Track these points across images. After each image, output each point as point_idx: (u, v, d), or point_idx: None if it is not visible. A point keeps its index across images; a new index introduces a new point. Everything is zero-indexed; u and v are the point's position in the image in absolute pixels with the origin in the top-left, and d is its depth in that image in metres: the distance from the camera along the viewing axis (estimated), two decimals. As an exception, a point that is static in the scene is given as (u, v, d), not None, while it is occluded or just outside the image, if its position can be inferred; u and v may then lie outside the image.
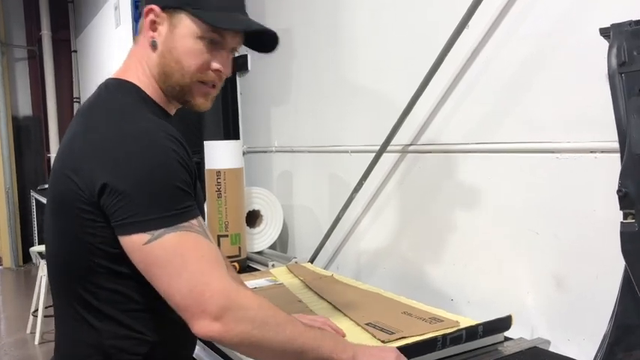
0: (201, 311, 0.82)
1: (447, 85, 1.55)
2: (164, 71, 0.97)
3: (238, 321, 0.83)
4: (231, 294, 0.84)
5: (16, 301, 5.02)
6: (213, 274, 0.84)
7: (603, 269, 1.18)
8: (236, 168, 2.00)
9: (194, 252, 0.84)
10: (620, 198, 1.05)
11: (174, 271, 0.83)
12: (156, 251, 0.83)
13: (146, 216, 0.83)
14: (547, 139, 1.29)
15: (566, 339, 1.26)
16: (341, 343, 0.94)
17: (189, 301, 0.82)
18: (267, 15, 2.52)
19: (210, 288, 0.82)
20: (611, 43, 1.07)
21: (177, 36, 0.95)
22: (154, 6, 0.95)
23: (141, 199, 0.84)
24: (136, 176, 0.84)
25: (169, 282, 0.83)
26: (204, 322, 0.82)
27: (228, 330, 0.83)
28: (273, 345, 0.86)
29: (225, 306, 0.82)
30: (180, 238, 0.84)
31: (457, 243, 1.56)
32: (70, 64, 6.52)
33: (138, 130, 0.88)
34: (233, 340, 0.84)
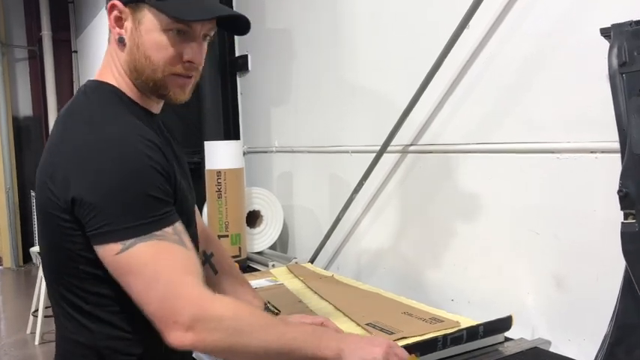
0: (173, 322, 0.81)
1: (448, 86, 1.55)
2: (135, 67, 0.95)
3: (211, 330, 0.82)
4: (203, 304, 0.83)
5: (16, 301, 5.02)
6: (186, 284, 0.83)
7: (604, 269, 1.18)
8: (236, 168, 2.00)
9: (166, 262, 0.83)
10: (621, 198, 1.05)
11: (146, 282, 0.82)
12: (128, 261, 0.82)
13: (118, 225, 0.82)
14: (547, 140, 1.29)
15: (566, 339, 1.26)
16: (326, 340, 0.91)
17: (161, 312, 0.82)
18: (267, 15, 2.52)
19: (182, 299, 0.82)
20: (612, 44, 1.07)
21: (142, 31, 0.92)
22: (116, 1, 0.93)
23: (112, 209, 0.83)
24: (106, 187, 0.83)
25: (142, 292, 0.83)
26: (177, 332, 0.81)
27: (201, 340, 0.82)
28: (250, 350, 0.85)
29: (196, 316, 0.81)
30: (152, 248, 0.83)
31: (457, 243, 1.56)
32: (70, 64, 6.52)
33: (110, 138, 0.87)
34: (207, 349, 0.85)
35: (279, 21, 2.44)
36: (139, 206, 0.84)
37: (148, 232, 0.83)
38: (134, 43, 0.93)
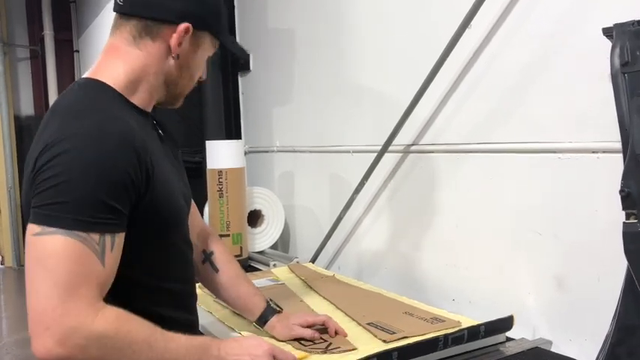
0: (45, 329, 0.77)
1: (449, 85, 1.55)
2: (173, 80, 1.01)
3: (84, 349, 0.78)
4: (85, 319, 0.79)
5: (17, 301, 5.03)
6: (79, 292, 0.79)
7: (605, 269, 1.18)
8: (238, 168, 2.00)
9: (71, 264, 0.80)
10: (623, 198, 1.05)
11: (41, 273, 0.79)
12: (38, 245, 0.81)
13: (50, 211, 0.81)
14: (549, 139, 1.29)
15: (567, 339, 1.26)
16: (205, 355, 0.92)
17: (39, 311, 0.78)
18: (269, 15, 2.52)
19: (67, 308, 0.78)
20: (614, 43, 1.07)
21: (198, 54, 1.01)
22: (189, 25, 0.97)
23: (56, 193, 0.81)
24: (65, 169, 0.82)
25: (34, 280, 0.80)
26: (46, 341, 0.77)
27: (70, 356, 0.78)
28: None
29: (73, 331, 0.78)
30: (66, 245, 0.80)
31: (459, 243, 1.56)
32: (72, 63, 6.52)
33: (89, 128, 0.85)
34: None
35: (281, 20, 2.44)
36: (84, 202, 0.81)
37: (72, 228, 0.80)
38: (186, 61, 1.00)
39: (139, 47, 0.98)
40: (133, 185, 0.87)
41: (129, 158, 0.86)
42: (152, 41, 0.97)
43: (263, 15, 2.55)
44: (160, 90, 1.02)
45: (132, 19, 0.98)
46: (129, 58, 0.97)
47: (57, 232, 0.80)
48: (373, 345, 1.19)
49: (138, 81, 0.98)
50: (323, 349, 1.18)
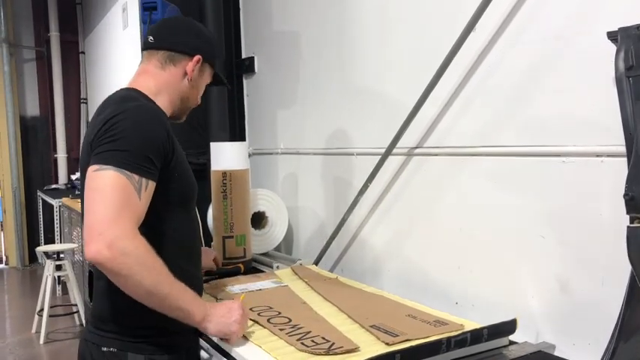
0: (99, 234, 1.04)
1: (454, 88, 1.55)
2: (186, 97, 1.37)
3: (123, 254, 1.05)
4: (128, 233, 1.07)
5: (21, 301, 5.05)
6: (122, 215, 1.07)
7: (609, 273, 1.18)
8: (242, 169, 2.00)
9: (119, 193, 1.08)
10: (627, 202, 1.05)
11: (97, 197, 1.08)
12: (96, 178, 1.10)
13: (107, 155, 1.11)
14: (553, 143, 1.29)
15: (571, 343, 1.26)
16: (197, 304, 1.19)
17: (94, 223, 1.06)
18: (274, 17, 2.53)
19: (115, 221, 1.06)
20: (619, 47, 1.07)
21: (202, 79, 1.40)
22: (200, 57, 1.35)
23: (113, 143, 1.11)
24: (122, 128, 1.12)
25: (92, 203, 1.08)
26: (98, 244, 1.04)
27: (114, 258, 1.04)
28: (144, 283, 1.08)
29: (118, 239, 1.05)
30: (116, 179, 1.09)
31: (462, 246, 1.56)
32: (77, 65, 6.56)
33: (139, 106, 1.20)
34: (114, 268, 1.05)
35: (286, 23, 2.45)
36: (133, 153, 1.11)
37: (123, 167, 1.09)
38: (195, 84, 1.37)
39: (165, 70, 1.34)
40: (164, 150, 1.18)
41: (163, 131, 1.19)
42: (174, 67, 1.34)
43: (268, 17, 2.56)
44: (176, 103, 1.35)
45: (160, 51, 1.34)
46: (158, 78, 1.33)
47: (110, 168, 1.09)
48: (376, 347, 1.19)
49: (163, 93, 1.32)
50: (326, 350, 1.18)
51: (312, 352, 1.18)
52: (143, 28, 2.48)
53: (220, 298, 1.59)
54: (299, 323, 1.35)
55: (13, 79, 6.27)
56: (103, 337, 1.21)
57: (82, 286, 4.03)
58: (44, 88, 6.52)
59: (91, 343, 1.22)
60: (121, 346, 1.20)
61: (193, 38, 1.37)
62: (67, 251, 4.30)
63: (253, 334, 1.31)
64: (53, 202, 5.30)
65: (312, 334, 1.27)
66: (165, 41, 1.35)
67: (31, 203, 6.35)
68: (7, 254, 6.34)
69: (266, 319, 1.39)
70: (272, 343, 1.24)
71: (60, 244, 4.76)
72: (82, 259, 4.10)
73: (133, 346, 1.20)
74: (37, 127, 6.56)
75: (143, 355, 1.20)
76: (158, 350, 1.21)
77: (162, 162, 1.17)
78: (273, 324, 1.36)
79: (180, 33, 1.37)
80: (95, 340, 1.22)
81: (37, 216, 6.25)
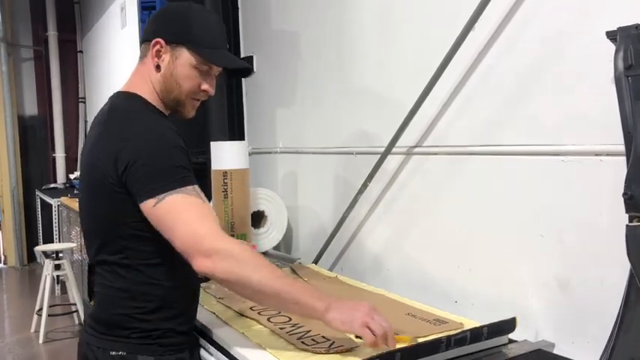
0: (195, 250, 1.08)
1: (453, 87, 1.55)
2: (165, 88, 1.25)
3: (223, 259, 1.08)
4: (217, 238, 1.09)
5: (20, 300, 5.04)
6: (203, 224, 1.10)
7: (608, 272, 1.18)
8: (242, 169, 2.01)
9: (188, 208, 1.10)
10: (626, 201, 1.05)
11: (172, 224, 1.10)
12: (160, 211, 1.10)
13: (154, 185, 1.10)
14: (552, 142, 1.29)
15: (570, 342, 1.26)
16: (318, 294, 1.14)
17: (186, 244, 1.09)
18: (272, 16, 2.53)
19: (201, 234, 1.08)
20: (618, 46, 1.07)
21: (177, 64, 1.23)
22: (159, 39, 1.22)
23: (149, 175, 1.11)
24: (149, 159, 1.12)
25: (172, 232, 1.10)
26: (200, 258, 1.08)
27: (216, 266, 1.08)
28: (253, 282, 1.09)
29: (212, 247, 1.08)
30: (177, 199, 1.10)
31: (462, 245, 1.56)
32: (75, 64, 6.55)
33: (149, 125, 1.19)
34: (220, 275, 1.09)
35: (285, 22, 2.45)
36: (169, 173, 1.12)
37: (175, 188, 1.11)
38: (169, 71, 1.24)
39: (143, 65, 1.27)
40: (186, 153, 1.17)
41: (177, 137, 1.18)
42: (146, 57, 1.26)
43: (267, 16, 2.56)
44: (164, 96, 1.26)
45: (141, 46, 1.28)
46: (141, 74, 1.27)
47: (167, 195, 1.10)
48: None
49: (149, 90, 1.26)
50: (326, 349, 1.18)
51: (312, 351, 1.18)
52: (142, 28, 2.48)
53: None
54: (299, 322, 1.36)
55: (11, 79, 6.26)
56: (110, 341, 1.20)
57: (80, 285, 4.03)
58: (42, 88, 6.51)
59: (97, 347, 1.22)
60: (130, 349, 1.19)
61: (157, 22, 1.26)
62: (66, 250, 4.30)
63: (254, 333, 1.31)
64: (52, 201, 5.30)
65: (312, 333, 1.27)
66: (143, 34, 1.29)
67: (30, 203, 6.35)
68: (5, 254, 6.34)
69: (266, 318, 1.39)
70: (272, 342, 1.25)
71: (59, 244, 4.75)
72: (81, 258, 4.10)
73: (142, 348, 1.20)
74: (36, 127, 6.56)
75: (153, 357, 1.20)
76: (167, 351, 1.22)
77: (190, 163, 1.18)
78: (273, 323, 1.36)
79: (150, 21, 1.29)
80: (101, 344, 1.21)
81: (35, 215, 6.24)
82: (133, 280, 1.20)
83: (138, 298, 1.20)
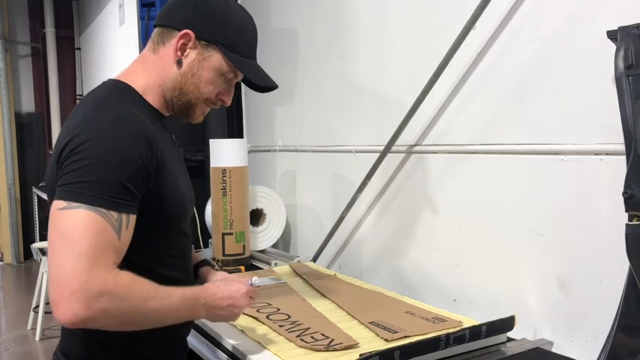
0: (70, 293, 0.84)
1: (453, 86, 1.55)
2: (180, 87, 1.06)
3: (106, 311, 0.86)
4: (107, 285, 0.86)
5: (16, 297, 5.03)
6: (100, 262, 0.87)
7: (607, 271, 1.19)
8: (241, 166, 2.01)
9: (94, 237, 0.87)
10: (626, 200, 1.06)
11: (66, 245, 0.86)
12: (62, 218, 0.87)
13: (76, 189, 0.88)
14: (552, 141, 1.30)
15: (569, 340, 1.27)
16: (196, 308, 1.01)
17: (65, 279, 0.85)
18: (272, 15, 2.53)
19: (91, 274, 0.85)
20: (619, 46, 1.08)
21: (204, 66, 1.05)
22: (190, 31, 1.03)
23: (82, 174, 0.89)
24: (91, 154, 0.90)
25: (58, 252, 0.86)
26: (72, 306, 0.84)
27: (95, 319, 0.86)
28: (138, 323, 0.93)
29: (97, 295, 0.85)
30: (90, 218, 0.87)
31: (460, 244, 1.57)
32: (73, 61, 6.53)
33: (112, 119, 0.95)
34: (98, 326, 0.88)
35: (284, 20, 2.44)
36: (105, 183, 0.89)
37: (95, 204, 0.88)
38: (190, 70, 1.05)
39: (156, 53, 1.07)
40: (146, 172, 0.94)
41: (143, 147, 0.94)
42: (164, 46, 1.06)
43: (266, 15, 2.56)
44: (169, 94, 1.07)
45: (156, 29, 1.08)
46: (148, 63, 1.07)
47: (81, 206, 0.87)
48: (375, 344, 1.20)
49: (153, 83, 1.06)
50: (325, 346, 1.18)
51: (311, 349, 1.18)
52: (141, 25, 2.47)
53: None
54: (298, 320, 1.36)
55: (8, 75, 6.23)
56: None
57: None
58: (39, 85, 6.48)
59: None
60: None
61: (188, 9, 1.05)
62: (63, 248, 4.27)
63: (253, 330, 1.31)
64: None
65: (311, 331, 1.28)
66: (160, 16, 1.08)
67: (26, 200, 6.33)
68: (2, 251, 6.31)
69: (265, 316, 1.39)
70: (271, 340, 1.25)
71: (55, 241, 4.72)
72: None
73: None
74: (33, 124, 6.53)
75: None
76: None
77: (145, 187, 0.95)
78: (272, 320, 1.36)
79: (178, 3, 1.07)
80: None
81: (32, 212, 6.22)
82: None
83: (101, 331, 0.92)
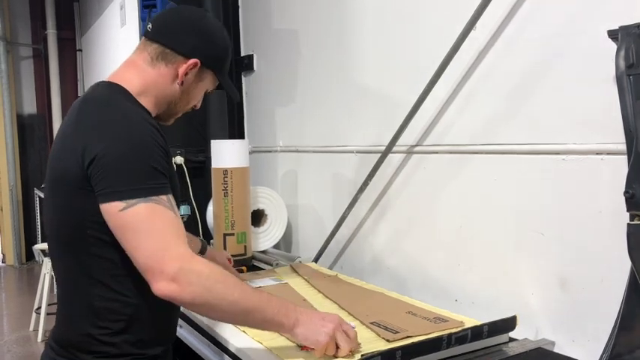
0: (159, 272, 0.95)
1: (454, 86, 1.55)
2: (173, 101, 1.18)
3: (190, 283, 0.96)
4: (186, 259, 0.97)
5: (19, 299, 5.03)
6: (173, 241, 0.97)
7: (609, 271, 1.18)
8: (242, 167, 2.01)
9: (160, 221, 0.98)
10: (627, 200, 1.06)
11: (141, 236, 0.96)
12: (128, 217, 0.97)
13: (124, 187, 0.97)
14: (553, 141, 1.30)
15: (570, 340, 1.27)
16: (284, 308, 1.08)
17: (150, 263, 0.96)
18: (273, 15, 2.53)
19: (169, 253, 0.96)
20: (619, 45, 1.07)
21: (199, 86, 1.19)
22: (198, 61, 1.15)
23: (121, 173, 0.98)
24: (119, 152, 0.99)
25: (136, 245, 0.97)
26: (163, 282, 0.95)
27: (182, 290, 0.95)
28: (222, 305, 1.00)
29: (180, 269, 0.95)
30: (150, 209, 0.97)
31: (462, 244, 1.57)
32: (74, 62, 6.53)
33: (124, 115, 1.04)
34: (186, 299, 0.97)
35: (285, 21, 2.45)
36: (143, 173, 0.99)
37: (147, 195, 0.98)
38: (187, 89, 1.18)
39: (154, 67, 1.15)
40: (166, 155, 1.05)
41: (157, 137, 1.04)
42: (165, 66, 1.15)
43: (267, 15, 2.56)
44: (162, 105, 1.17)
45: (154, 44, 1.15)
46: (144, 74, 1.14)
47: (138, 202, 0.97)
48: (377, 344, 1.20)
49: (147, 91, 1.14)
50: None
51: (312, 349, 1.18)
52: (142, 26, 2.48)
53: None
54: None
55: (10, 77, 6.25)
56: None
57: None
58: (41, 86, 6.49)
59: None
60: None
61: (194, 37, 1.15)
62: (65, 249, 4.28)
63: (253, 330, 1.31)
64: (50, 200, 5.27)
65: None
66: (161, 34, 1.15)
67: (28, 201, 6.33)
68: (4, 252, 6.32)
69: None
70: (273, 340, 1.24)
71: (57, 242, 4.73)
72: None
73: None
74: (34, 125, 6.54)
75: None
76: None
77: (167, 171, 1.05)
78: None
79: (181, 28, 1.16)
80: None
81: (34, 214, 6.23)
82: (96, 294, 1.05)
83: (102, 316, 1.05)
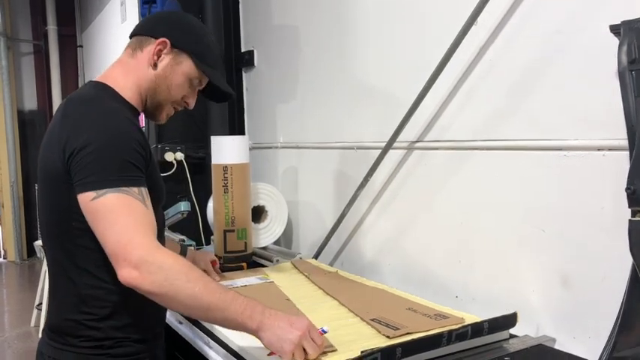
0: (123, 260, 0.99)
1: (455, 82, 1.55)
2: (154, 87, 1.22)
3: (153, 272, 0.99)
4: (150, 248, 1.01)
5: (19, 295, 5.04)
6: (139, 231, 1.01)
7: (610, 267, 1.18)
8: (243, 163, 2.00)
9: (127, 211, 1.02)
10: (629, 196, 1.05)
11: (107, 224, 1.01)
12: (98, 206, 1.02)
13: (97, 178, 1.03)
14: (555, 137, 1.29)
15: (571, 337, 1.26)
16: (250, 310, 1.05)
17: (115, 250, 1.01)
18: (273, 11, 2.52)
19: (133, 241, 1.00)
20: (622, 40, 1.07)
21: (176, 70, 1.22)
22: (166, 39, 1.20)
23: (95, 165, 1.04)
24: (95, 146, 1.04)
25: (104, 232, 1.02)
26: (126, 269, 0.99)
27: (143, 278, 0.99)
28: (181, 297, 1.01)
29: (143, 258, 0.99)
30: (118, 199, 1.02)
31: (463, 240, 1.56)
32: (75, 58, 6.53)
33: (103, 111, 1.11)
34: (146, 288, 1.00)
35: (285, 17, 2.44)
36: (115, 166, 1.04)
37: (118, 185, 1.03)
38: (164, 72, 1.22)
39: (134, 58, 1.22)
40: (143, 150, 1.10)
41: (135, 132, 1.10)
42: (141, 52, 1.22)
43: (267, 11, 2.55)
44: (144, 95, 1.23)
45: (135, 37, 1.25)
46: (126, 67, 1.22)
47: (107, 192, 1.02)
48: (377, 340, 1.20)
49: (129, 82, 1.21)
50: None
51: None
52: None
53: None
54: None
55: (11, 73, 6.25)
56: (60, 350, 1.14)
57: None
58: (42, 82, 6.49)
59: (48, 357, 1.16)
60: (79, 359, 1.13)
61: (166, 23, 1.24)
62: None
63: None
64: (51, 196, 5.28)
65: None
66: (139, 27, 1.26)
67: (29, 197, 6.34)
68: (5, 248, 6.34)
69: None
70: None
71: (58, 238, 4.74)
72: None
73: (92, 358, 1.13)
74: (35, 121, 6.54)
75: None
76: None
77: (145, 165, 1.11)
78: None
79: (158, 18, 1.28)
80: (52, 354, 1.15)
81: (34, 210, 6.23)
82: (83, 283, 1.12)
83: (88, 303, 1.12)
